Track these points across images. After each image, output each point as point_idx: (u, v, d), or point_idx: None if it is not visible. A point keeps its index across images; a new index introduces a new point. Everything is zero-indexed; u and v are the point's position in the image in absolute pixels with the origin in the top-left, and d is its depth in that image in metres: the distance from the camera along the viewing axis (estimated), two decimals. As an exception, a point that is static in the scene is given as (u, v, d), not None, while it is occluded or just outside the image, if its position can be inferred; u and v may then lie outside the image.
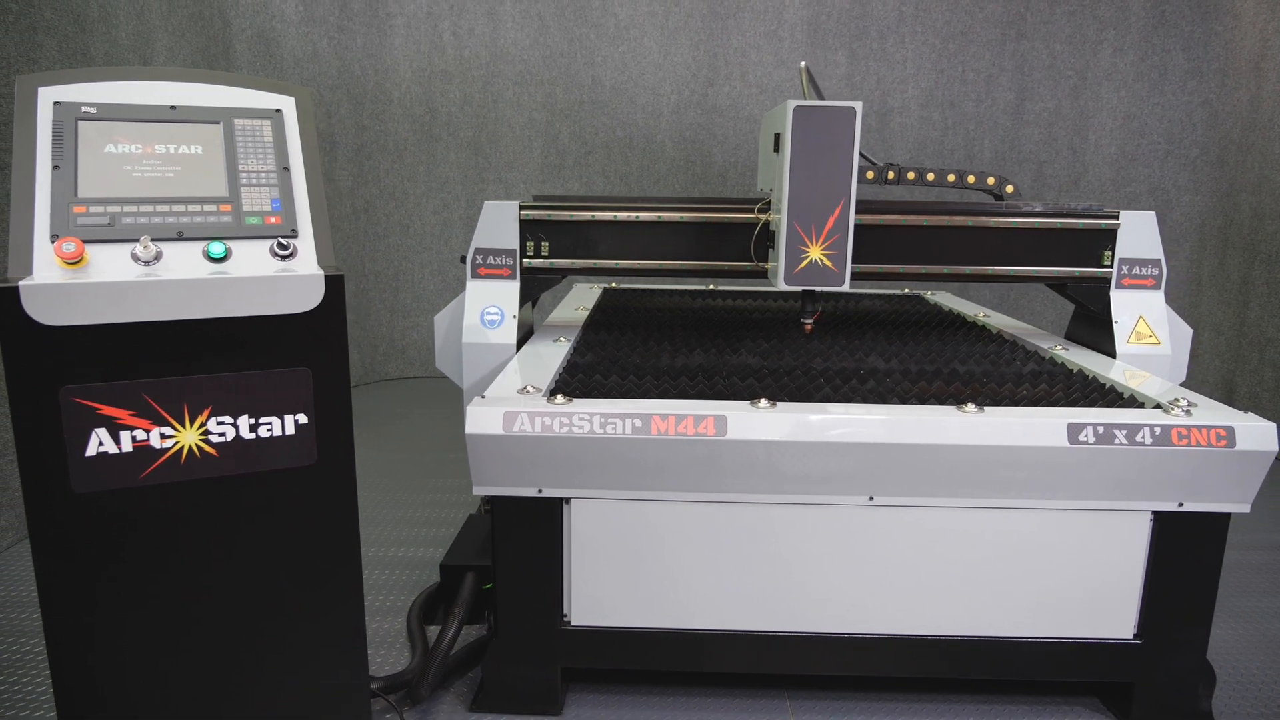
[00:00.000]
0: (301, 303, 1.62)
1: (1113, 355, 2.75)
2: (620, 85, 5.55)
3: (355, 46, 5.34)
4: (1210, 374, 5.12)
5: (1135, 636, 2.20)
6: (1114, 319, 2.76)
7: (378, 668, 2.45)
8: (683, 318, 3.30)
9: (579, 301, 3.72)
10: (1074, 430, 2.02)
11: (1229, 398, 4.91)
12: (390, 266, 5.72)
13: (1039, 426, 2.03)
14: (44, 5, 3.28)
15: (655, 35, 5.49)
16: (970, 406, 2.09)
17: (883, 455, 2.04)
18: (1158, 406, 2.17)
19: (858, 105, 2.40)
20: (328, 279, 1.63)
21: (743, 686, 2.40)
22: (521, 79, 5.53)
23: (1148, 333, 2.73)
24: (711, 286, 4.15)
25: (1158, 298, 2.78)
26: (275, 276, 1.60)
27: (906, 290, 4.25)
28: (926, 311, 3.56)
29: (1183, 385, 2.57)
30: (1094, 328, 2.89)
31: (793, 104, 2.38)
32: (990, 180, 2.98)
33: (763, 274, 2.77)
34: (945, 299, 4.00)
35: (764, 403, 2.10)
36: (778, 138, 2.51)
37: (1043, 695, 2.38)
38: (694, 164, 5.65)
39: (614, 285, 4.22)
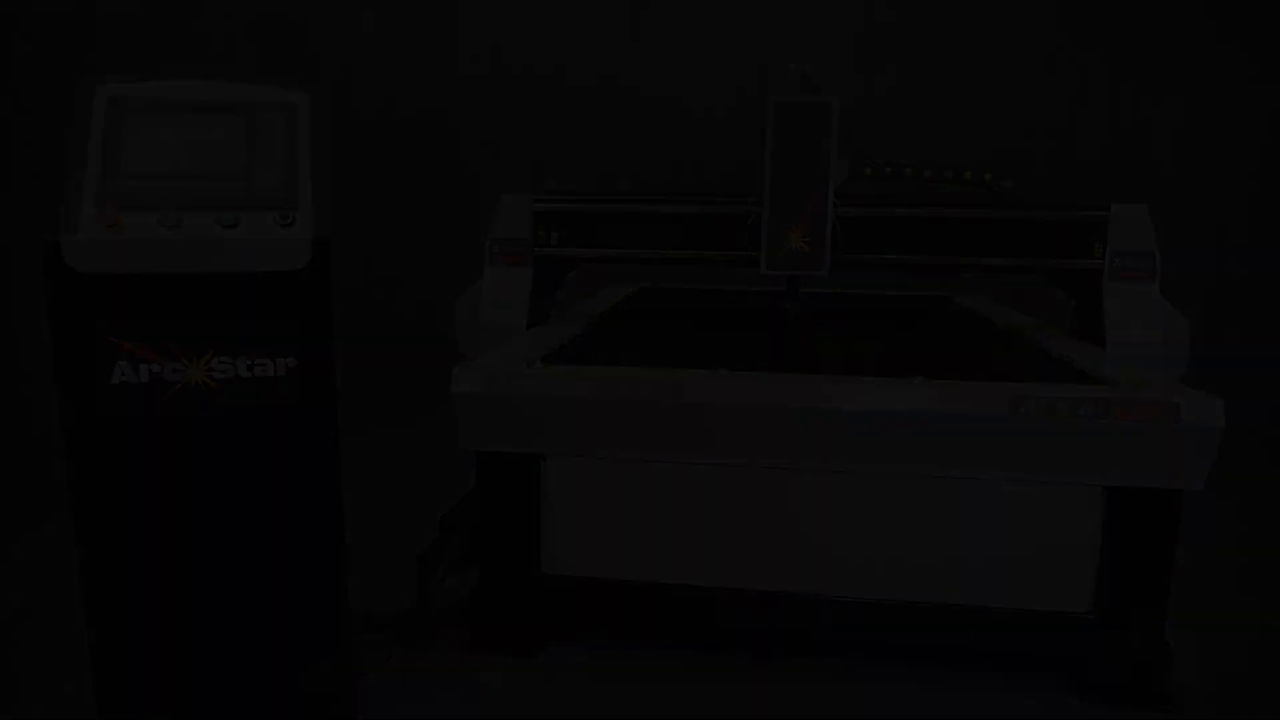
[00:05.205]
0: (292, 262, 1.90)
1: (1104, 346, 2.77)
2: (673, 100, 5.79)
3: (426, 70, 5.77)
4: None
5: (1090, 612, 2.23)
6: (1105, 311, 2.79)
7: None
8: (697, 312, 3.47)
9: (610, 296, 3.91)
10: (1015, 401, 2.10)
11: (1293, 413, 4.70)
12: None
13: (980, 397, 2.11)
14: (145, 40, 3.77)
15: (707, 52, 5.72)
16: (917, 378, 2.20)
17: (828, 421, 2.16)
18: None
19: (834, 100, 2.55)
20: (315, 242, 1.91)
21: (710, 644, 2.52)
22: (580, 97, 5.85)
23: (1139, 324, 2.74)
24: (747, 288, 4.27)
25: (1150, 290, 2.78)
26: (272, 239, 1.89)
27: (939, 294, 4.28)
28: (942, 310, 3.62)
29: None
30: (1089, 320, 2.91)
31: (773, 99, 2.55)
32: (987, 175, 3.05)
33: (757, 263, 2.92)
34: (973, 301, 4.02)
35: (722, 371, 2.26)
36: (764, 132, 2.68)
37: (1007, 671, 2.41)
38: (746, 173, 5.81)
39: (650, 286, 4.40)
